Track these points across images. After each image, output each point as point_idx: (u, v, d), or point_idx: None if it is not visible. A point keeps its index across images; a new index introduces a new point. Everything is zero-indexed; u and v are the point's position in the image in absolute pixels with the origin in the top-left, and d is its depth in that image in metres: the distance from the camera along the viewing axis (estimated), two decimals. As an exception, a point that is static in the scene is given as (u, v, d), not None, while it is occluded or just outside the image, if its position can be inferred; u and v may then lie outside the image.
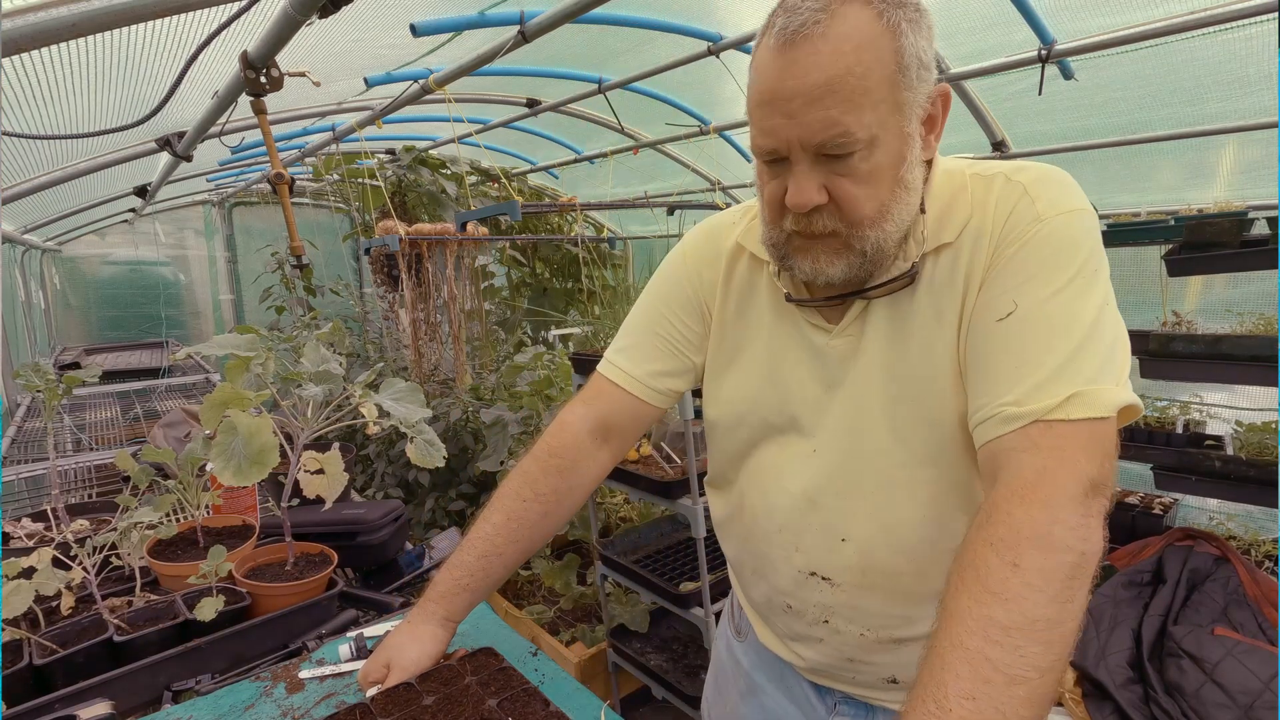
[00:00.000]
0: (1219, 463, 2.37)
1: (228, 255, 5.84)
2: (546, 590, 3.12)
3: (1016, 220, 0.74)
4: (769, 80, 0.71)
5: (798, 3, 0.70)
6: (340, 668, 1.01)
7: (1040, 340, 0.69)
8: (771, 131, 0.72)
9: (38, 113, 1.81)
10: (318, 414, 1.20)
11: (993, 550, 0.60)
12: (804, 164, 0.73)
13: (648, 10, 2.47)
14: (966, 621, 0.58)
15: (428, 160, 4.59)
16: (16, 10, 0.92)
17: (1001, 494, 0.64)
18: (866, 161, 0.72)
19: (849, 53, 0.68)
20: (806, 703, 0.97)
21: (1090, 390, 0.66)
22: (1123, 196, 3.09)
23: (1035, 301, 0.70)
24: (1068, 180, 0.77)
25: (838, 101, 0.68)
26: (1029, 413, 0.66)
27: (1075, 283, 0.70)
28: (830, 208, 0.74)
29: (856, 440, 0.84)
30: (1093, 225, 0.74)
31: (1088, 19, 2.17)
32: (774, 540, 0.91)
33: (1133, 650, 2.15)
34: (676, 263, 1.01)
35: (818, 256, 0.77)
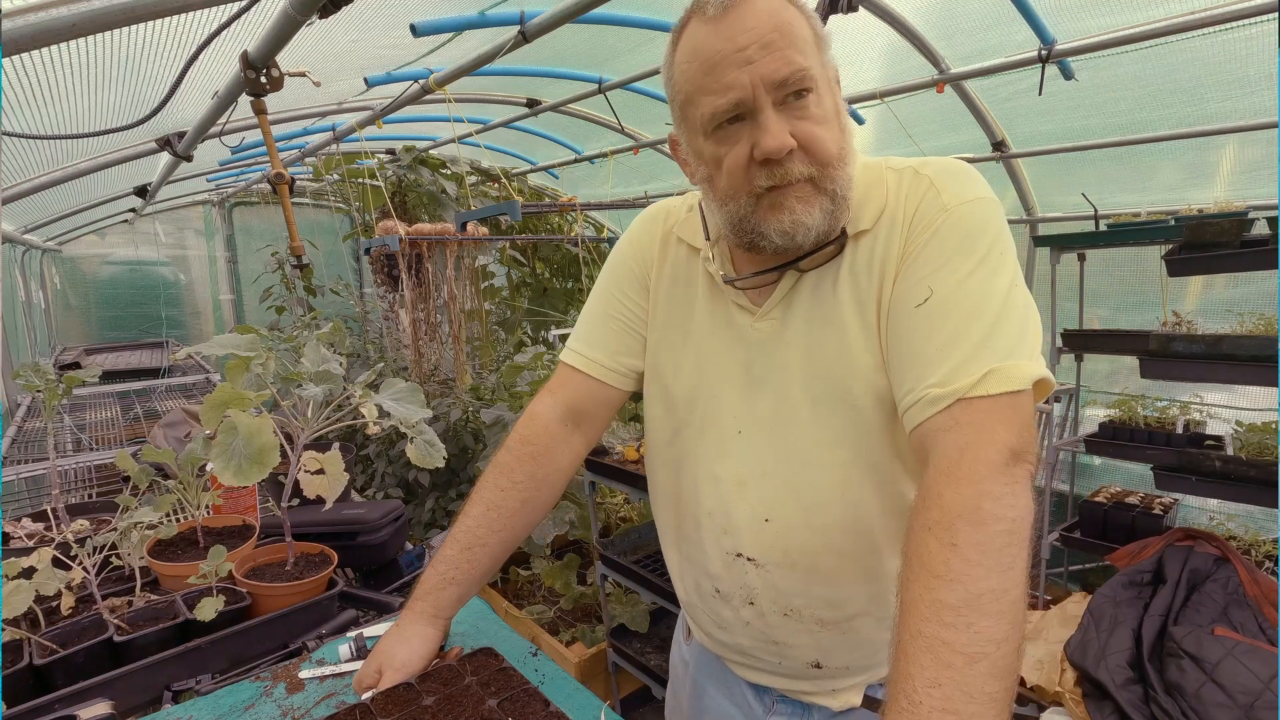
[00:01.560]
0: (1219, 463, 2.37)
1: (228, 255, 5.84)
2: (546, 590, 3.12)
3: (925, 210, 0.79)
4: (715, 44, 0.75)
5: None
6: (340, 668, 1.01)
7: (956, 322, 0.72)
8: (732, 84, 0.75)
9: (38, 113, 1.81)
10: (318, 414, 1.20)
11: (930, 534, 0.62)
12: (769, 110, 0.75)
13: (648, 10, 2.47)
14: (919, 609, 0.59)
15: (428, 160, 4.59)
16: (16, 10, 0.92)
17: (931, 476, 0.67)
18: (819, 106, 0.77)
19: (779, 10, 0.75)
20: (745, 703, 1.00)
21: (1005, 366, 0.69)
22: (1123, 196, 3.09)
23: (949, 286, 0.74)
24: (971, 171, 0.82)
25: (789, 43, 0.74)
26: (951, 393, 0.69)
27: (984, 265, 0.74)
28: (799, 152, 0.77)
29: (779, 422, 0.87)
30: (996, 212, 0.78)
31: (1088, 19, 2.17)
32: (703, 523, 0.94)
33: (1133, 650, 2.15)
34: (623, 244, 1.05)
35: (793, 208, 0.78)
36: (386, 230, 3.29)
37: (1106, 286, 3.22)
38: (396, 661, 0.91)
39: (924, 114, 2.96)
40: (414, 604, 0.96)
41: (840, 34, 2.48)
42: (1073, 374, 3.29)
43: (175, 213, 5.53)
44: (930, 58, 2.46)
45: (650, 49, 2.76)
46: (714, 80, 0.76)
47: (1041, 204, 3.32)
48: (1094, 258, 3.11)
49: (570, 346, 1.04)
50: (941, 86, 2.52)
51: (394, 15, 2.06)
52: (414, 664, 0.92)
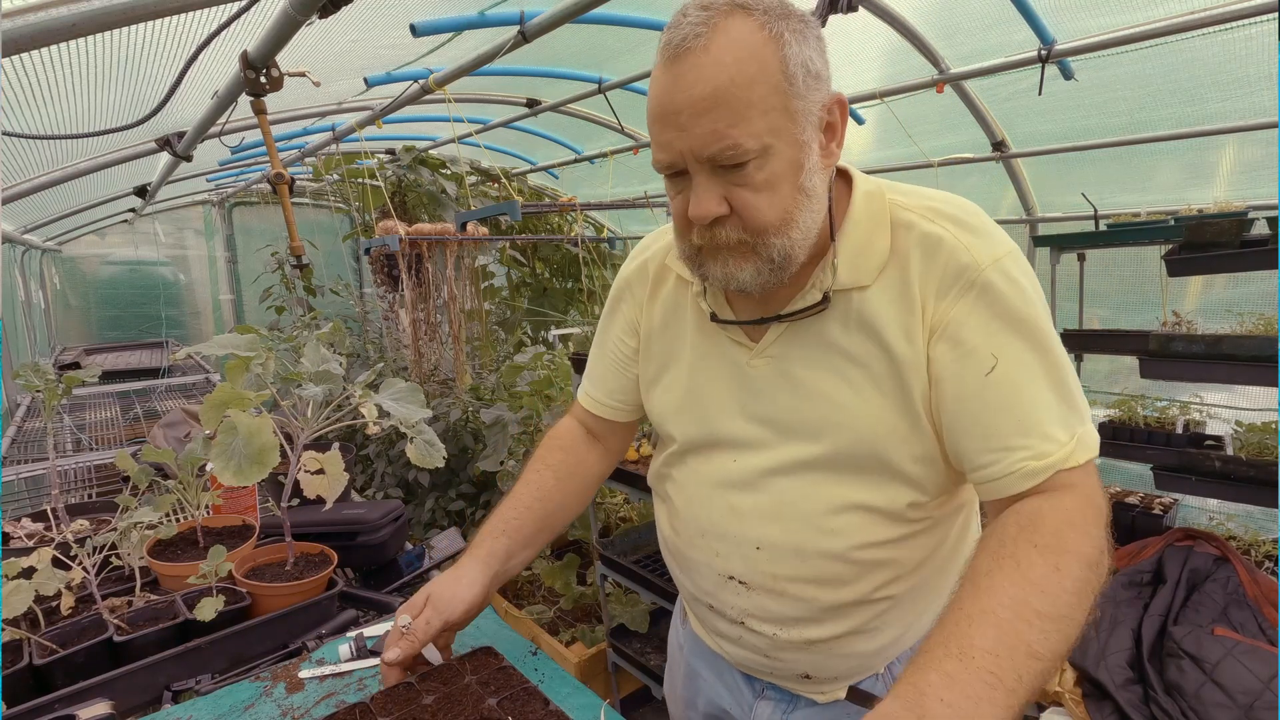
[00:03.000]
0: (1219, 463, 2.37)
1: (228, 255, 5.84)
2: (546, 590, 3.12)
3: (951, 270, 0.77)
4: (659, 95, 0.73)
5: (680, 18, 0.72)
6: (340, 668, 1.01)
7: (1030, 390, 0.75)
8: (666, 145, 0.74)
9: (38, 113, 1.81)
10: (318, 414, 1.20)
11: (1038, 552, 0.67)
12: (701, 176, 0.74)
13: (647, 10, 2.47)
14: (1001, 598, 0.64)
15: (428, 160, 4.59)
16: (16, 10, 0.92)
17: (1047, 512, 0.71)
18: (762, 170, 0.73)
19: (730, 64, 0.69)
20: (736, 689, 1.03)
21: (1083, 432, 0.75)
22: (1123, 196, 3.09)
23: (1014, 353, 0.75)
24: (983, 217, 0.80)
25: (724, 114, 0.70)
26: (1049, 466, 0.73)
27: (1039, 329, 0.75)
28: (733, 218, 0.76)
29: (773, 456, 0.88)
30: (1024, 262, 0.79)
31: (1088, 19, 2.17)
32: (697, 544, 0.96)
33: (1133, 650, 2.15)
34: (618, 281, 1.09)
35: (726, 261, 0.79)
36: (386, 230, 3.29)
37: (1106, 286, 3.21)
38: (444, 600, 0.93)
39: (924, 114, 2.96)
40: (471, 550, 1.01)
41: (840, 34, 2.47)
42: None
43: (175, 213, 5.53)
44: (930, 58, 2.46)
45: (650, 49, 2.75)
46: (658, 131, 0.75)
47: (1041, 204, 3.32)
48: (1094, 258, 3.11)
49: (582, 387, 1.16)
50: (941, 86, 2.52)
51: (394, 15, 2.06)
52: (458, 606, 0.93)
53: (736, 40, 0.70)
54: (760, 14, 0.71)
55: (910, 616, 0.92)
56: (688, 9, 0.73)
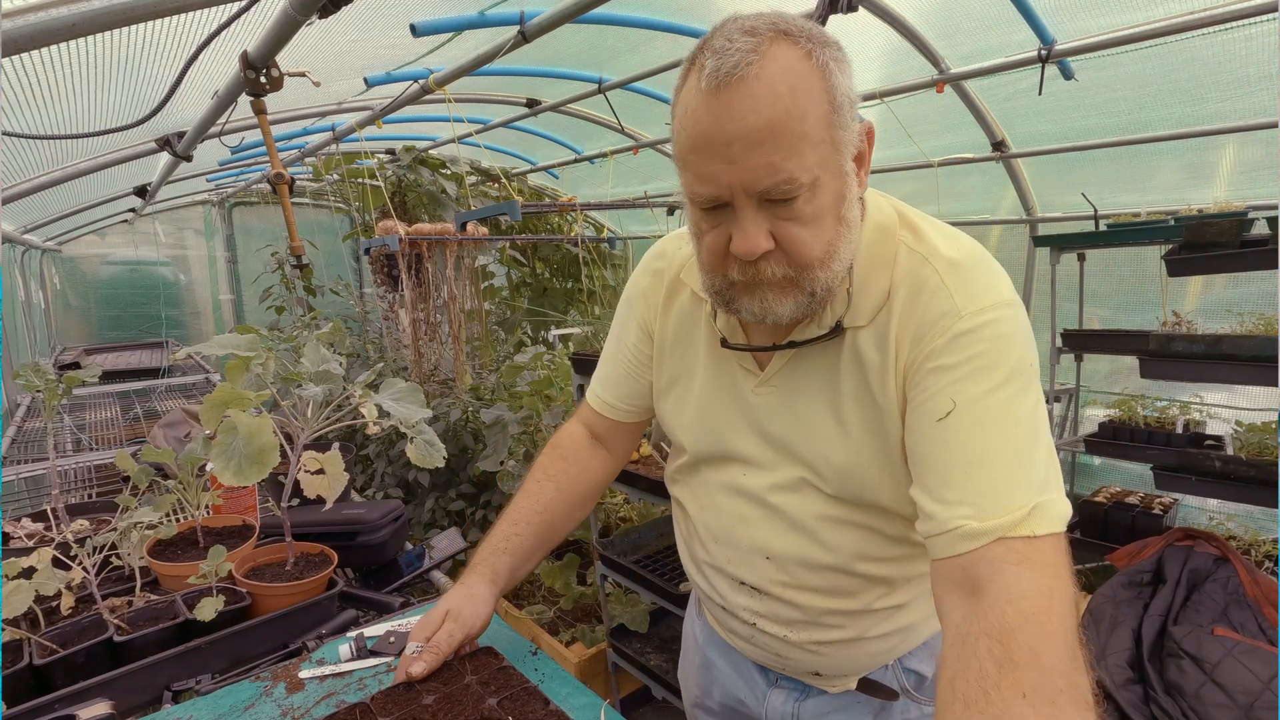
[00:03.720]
0: (1219, 463, 2.37)
1: (228, 255, 5.84)
2: (546, 590, 3.12)
3: (933, 315, 0.74)
4: (703, 125, 0.68)
5: (725, 43, 0.67)
6: (340, 668, 1.01)
7: (983, 443, 0.69)
8: (710, 178, 0.70)
9: (38, 113, 1.81)
10: (318, 414, 1.20)
11: (1029, 706, 0.56)
12: (749, 210, 0.70)
13: (647, 10, 2.47)
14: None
15: (428, 160, 4.59)
16: (16, 10, 0.92)
17: (1011, 616, 0.61)
18: (810, 204, 0.70)
19: (785, 95, 0.66)
20: (751, 678, 1.05)
21: (1046, 502, 0.66)
22: (1123, 196, 3.09)
23: (971, 401, 0.70)
24: (987, 265, 0.77)
25: (779, 146, 0.66)
26: (990, 529, 0.65)
27: (1009, 383, 0.70)
28: (777, 253, 0.73)
29: (778, 474, 0.90)
30: (1020, 319, 0.74)
31: (1088, 19, 2.17)
32: (710, 549, 0.99)
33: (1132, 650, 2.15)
34: (630, 287, 1.08)
35: (765, 297, 0.76)
36: (386, 230, 3.29)
37: (1106, 286, 3.22)
38: (464, 615, 0.95)
39: (924, 114, 2.96)
40: (474, 568, 1.02)
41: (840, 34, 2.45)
42: (1073, 374, 3.29)
43: (175, 213, 5.53)
44: (930, 58, 2.46)
45: (650, 49, 2.76)
46: (698, 163, 0.70)
47: (1041, 204, 3.33)
48: (1094, 258, 3.11)
49: (591, 389, 1.15)
50: (941, 86, 2.52)
51: (394, 15, 2.06)
52: (477, 622, 0.96)
53: (788, 69, 0.66)
54: (805, 41, 0.68)
55: (917, 618, 0.94)
56: (730, 34, 0.68)
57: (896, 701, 0.95)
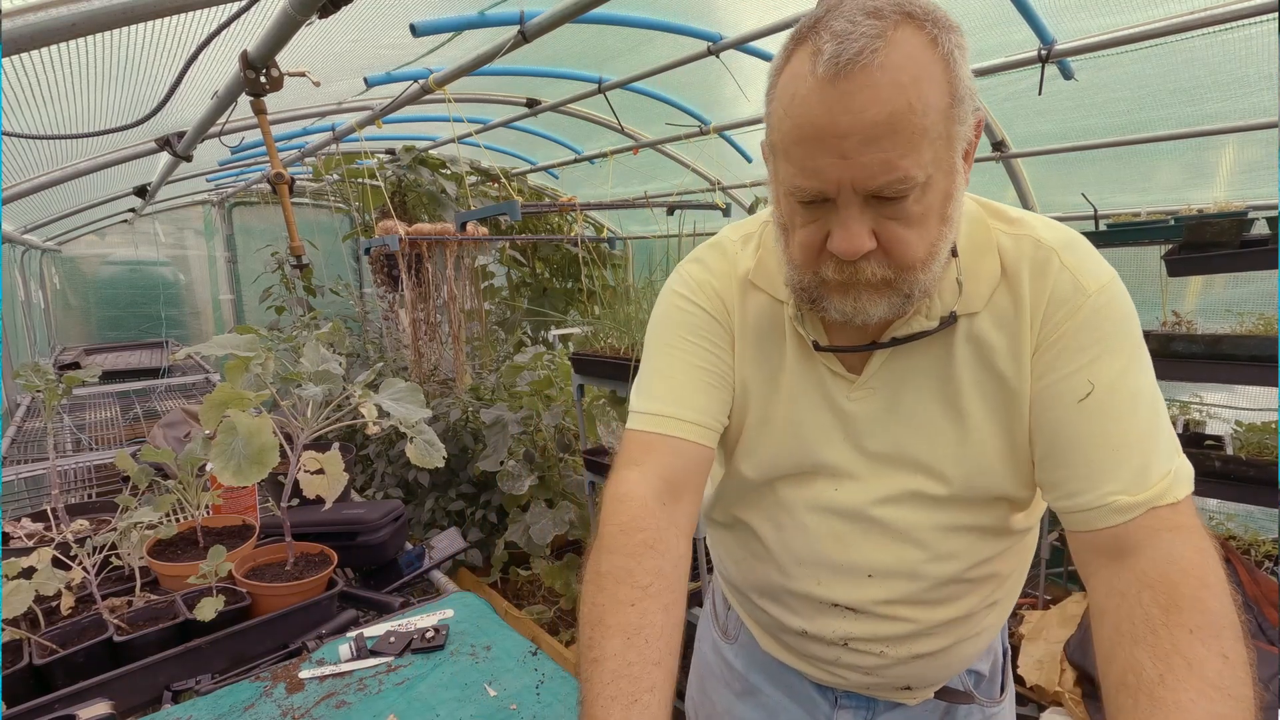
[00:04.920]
0: (1219, 463, 2.36)
1: (228, 255, 5.84)
2: (546, 590, 3.13)
3: (1060, 293, 0.74)
4: (816, 115, 0.63)
5: (849, 26, 0.62)
6: (340, 668, 1.01)
7: (1126, 421, 0.71)
8: (818, 172, 0.65)
9: (38, 113, 1.81)
10: (318, 414, 1.20)
11: (1200, 641, 0.61)
12: (854, 207, 0.66)
13: (648, 10, 2.47)
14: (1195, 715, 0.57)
15: (428, 160, 4.59)
16: (16, 10, 0.92)
17: (1174, 574, 0.65)
18: (920, 203, 0.66)
19: (908, 85, 0.61)
20: (809, 700, 0.97)
21: (1178, 467, 0.71)
22: (1123, 196, 3.09)
23: (1109, 381, 0.72)
24: (1089, 245, 0.77)
25: (898, 142, 0.62)
26: (1143, 501, 0.69)
27: (1137, 359, 0.73)
28: (878, 253, 0.69)
29: (881, 486, 0.83)
30: (1126, 293, 0.75)
31: (1088, 19, 2.17)
32: (792, 573, 0.89)
33: (1133, 650, 2.14)
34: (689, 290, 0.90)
35: (859, 296, 0.71)
36: (386, 230, 3.29)
37: (1106, 286, 3.21)
38: None
39: (924, 114, 2.96)
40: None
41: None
42: (1073, 374, 3.29)
43: (175, 213, 5.53)
44: (930, 58, 2.46)
45: (650, 49, 2.76)
46: (804, 154, 0.66)
47: (1041, 204, 3.32)
48: (1094, 258, 3.11)
49: (647, 411, 0.86)
50: (941, 86, 2.52)
51: (394, 15, 2.06)
52: None
53: (912, 57, 0.61)
54: (931, 26, 0.63)
55: (1001, 617, 0.94)
56: (852, 15, 0.62)
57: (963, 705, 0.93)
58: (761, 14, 2.39)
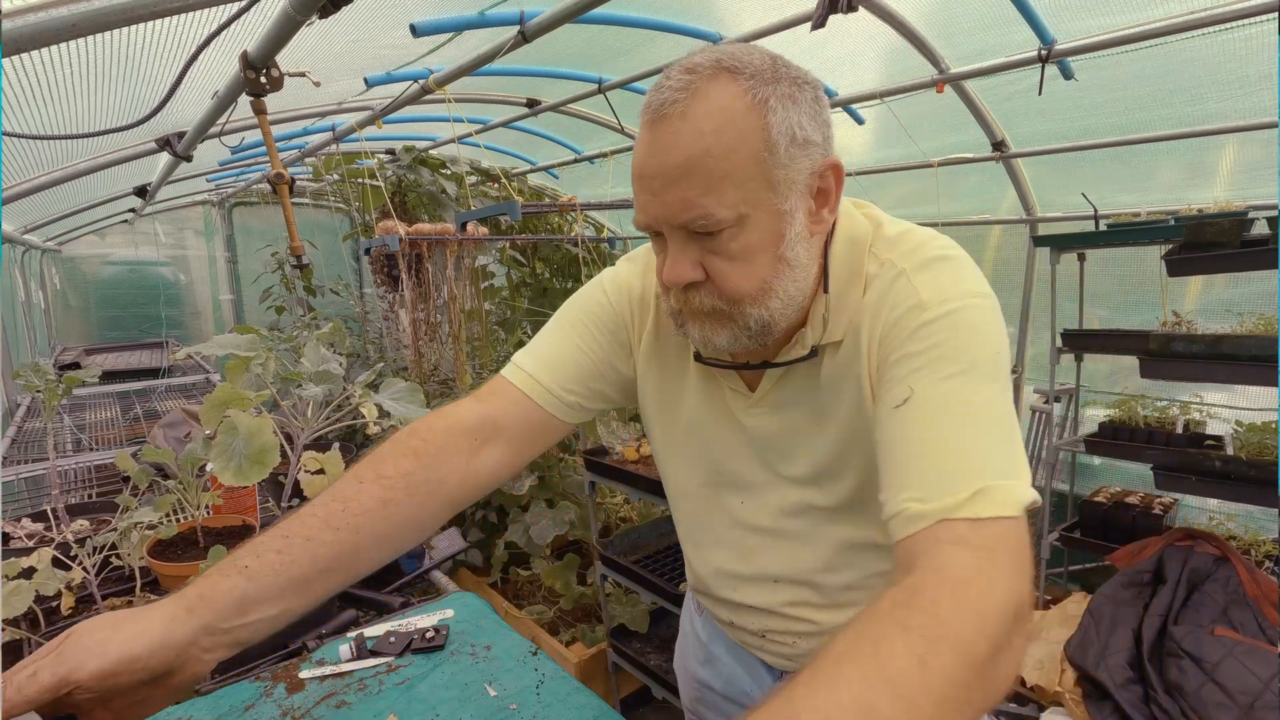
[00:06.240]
0: (1219, 463, 2.37)
1: (228, 255, 5.84)
2: (546, 590, 3.13)
3: (899, 311, 0.74)
4: (637, 157, 0.73)
5: (664, 80, 0.70)
6: (340, 668, 1.01)
7: (943, 428, 0.66)
8: (642, 208, 0.74)
9: (38, 113, 1.81)
10: (318, 414, 1.20)
11: (904, 637, 0.52)
12: (676, 241, 0.73)
13: (648, 10, 2.47)
14: (842, 696, 0.49)
15: (428, 160, 4.59)
16: (16, 10, 0.92)
17: (929, 580, 0.57)
18: (737, 240, 0.71)
19: (708, 133, 0.67)
20: (756, 673, 1.06)
21: (996, 486, 0.62)
22: (1123, 196, 3.09)
23: (931, 387, 0.68)
24: (956, 261, 0.75)
25: (696, 183, 0.68)
26: (934, 510, 0.62)
27: (977, 372, 0.68)
28: (708, 285, 0.74)
29: (779, 498, 0.90)
30: (988, 309, 0.72)
31: (1088, 19, 2.17)
32: (711, 583, 1.00)
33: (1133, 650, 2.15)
34: (597, 291, 0.97)
35: (702, 324, 0.78)
36: (386, 230, 3.29)
37: (1106, 286, 3.22)
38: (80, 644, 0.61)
39: (924, 114, 2.96)
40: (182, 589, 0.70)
41: (840, 34, 2.47)
42: (1073, 374, 3.29)
43: (175, 213, 5.53)
44: (930, 58, 2.46)
45: (650, 49, 2.76)
46: (637, 191, 0.74)
47: (1041, 204, 3.33)
48: (1094, 258, 3.11)
49: (516, 363, 0.93)
50: (941, 86, 2.52)
51: (394, 15, 2.06)
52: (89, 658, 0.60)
53: (717, 107, 0.68)
54: (746, 78, 0.69)
55: None
56: (671, 71, 0.71)
57: None
58: (761, 14, 2.39)
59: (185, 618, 0.66)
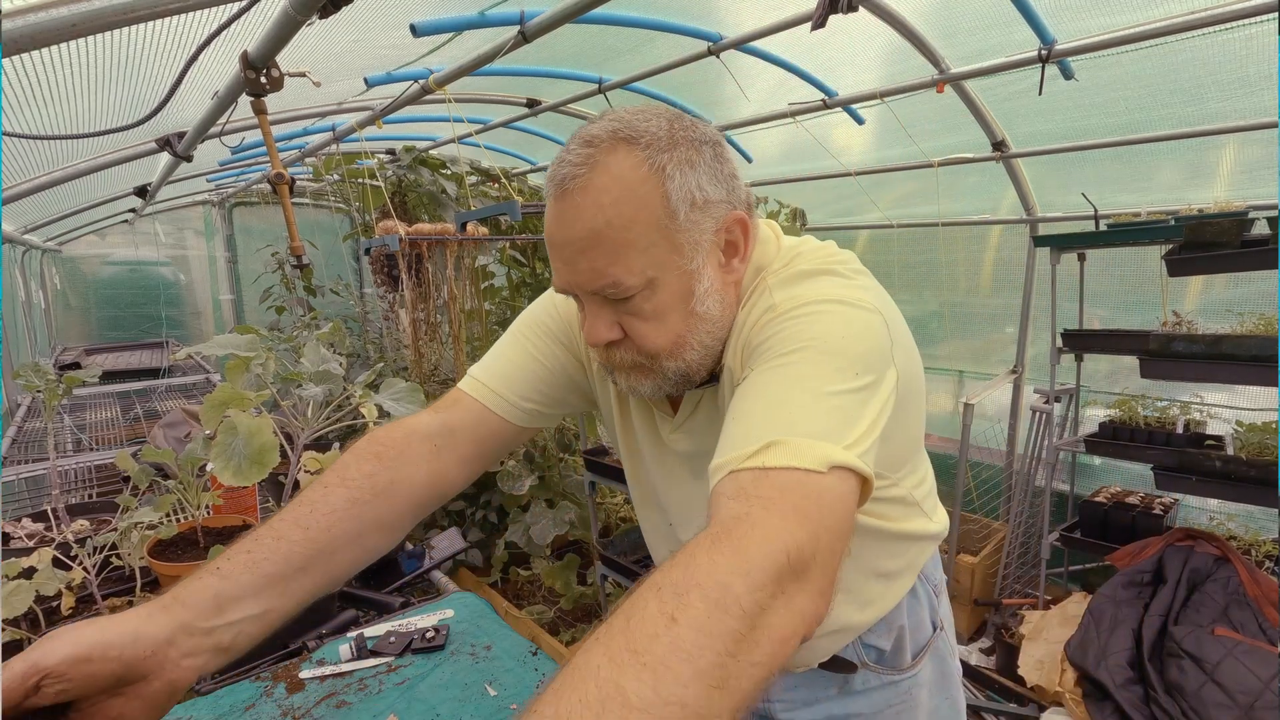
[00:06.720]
0: (1219, 463, 2.37)
1: (228, 255, 5.84)
2: (546, 590, 3.13)
3: (757, 317, 0.76)
4: (548, 228, 0.76)
5: (566, 154, 0.73)
6: (340, 668, 1.01)
7: (754, 397, 0.66)
8: (558, 274, 0.77)
9: (38, 113, 1.81)
10: (318, 414, 1.20)
11: (656, 595, 0.48)
12: (593, 305, 0.77)
13: (648, 10, 2.47)
14: (588, 685, 0.43)
15: (428, 160, 4.59)
16: (16, 10, 0.92)
17: (698, 539, 0.54)
18: (649, 301, 0.74)
19: (607, 206, 0.70)
20: None
21: (794, 441, 0.59)
22: (1123, 196, 3.09)
23: (765, 366, 0.69)
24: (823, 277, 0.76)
25: (602, 253, 0.71)
26: (725, 463, 0.61)
27: (814, 357, 0.67)
28: (627, 342, 0.78)
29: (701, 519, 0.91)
30: (845, 314, 0.71)
31: (1088, 19, 2.17)
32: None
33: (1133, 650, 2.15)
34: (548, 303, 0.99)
35: (628, 376, 0.81)
36: (386, 230, 3.29)
37: (1106, 286, 3.21)
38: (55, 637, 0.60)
39: (924, 114, 2.96)
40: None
41: (840, 34, 2.47)
42: (1073, 374, 3.29)
43: (175, 213, 5.53)
44: (930, 58, 2.46)
45: (650, 49, 2.76)
46: (551, 258, 0.78)
47: (1041, 204, 3.33)
48: (1094, 258, 3.11)
49: (472, 375, 0.95)
50: (941, 86, 2.52)
51: (394, 15, 2.06)
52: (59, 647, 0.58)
53: (615, 179, 0.70)
54: (643, 148, 0.71)
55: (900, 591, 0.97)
56: (572, 144, 0.73)
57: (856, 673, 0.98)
58: (761, 14, 2.39)
59: (160, 615, 0.65)
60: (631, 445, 0.99)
